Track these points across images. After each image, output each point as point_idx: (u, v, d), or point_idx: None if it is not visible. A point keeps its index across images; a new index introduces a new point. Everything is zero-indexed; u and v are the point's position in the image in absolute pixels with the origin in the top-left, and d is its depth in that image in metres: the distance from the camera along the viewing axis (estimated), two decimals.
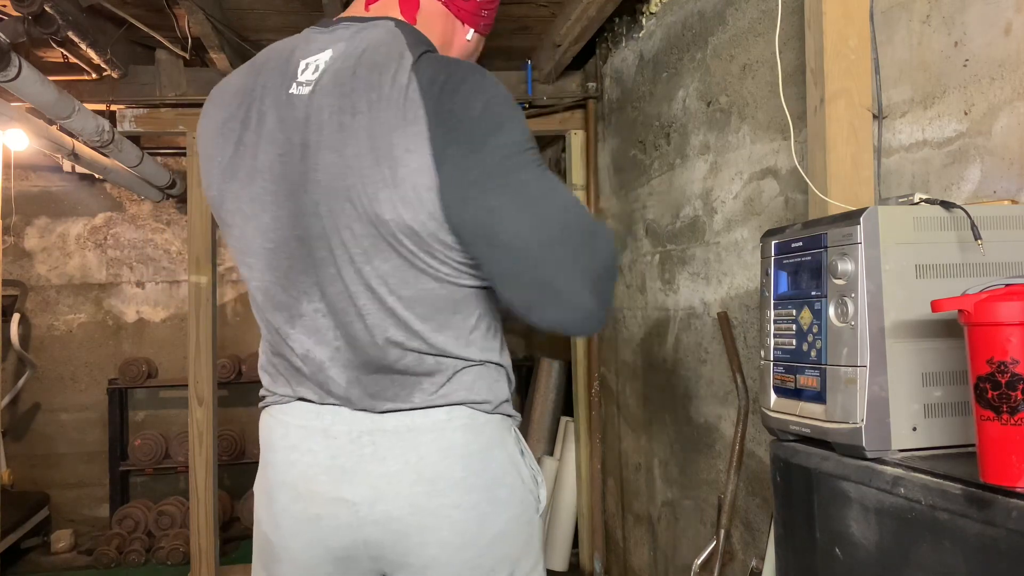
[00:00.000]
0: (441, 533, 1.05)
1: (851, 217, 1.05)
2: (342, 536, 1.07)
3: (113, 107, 3.23)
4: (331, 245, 1.01)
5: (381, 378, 1.06)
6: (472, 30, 1.20)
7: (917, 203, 1.07)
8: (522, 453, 1.15)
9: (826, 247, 1.09)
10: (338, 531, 1.07)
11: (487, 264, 0.98)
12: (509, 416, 1.13)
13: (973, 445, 0.88)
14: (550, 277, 0.95)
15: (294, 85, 1.04)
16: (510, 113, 0.98)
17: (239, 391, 4.75)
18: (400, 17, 1.11)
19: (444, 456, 1.06)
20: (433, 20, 1.15)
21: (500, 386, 1.11)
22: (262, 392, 1.17)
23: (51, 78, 2.57)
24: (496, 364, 1.11)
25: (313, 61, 1.05)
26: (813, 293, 1.12)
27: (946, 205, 1.07)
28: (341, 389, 1.06)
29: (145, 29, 2.85)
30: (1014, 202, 1.24)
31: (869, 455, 1.01)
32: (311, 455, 1.08)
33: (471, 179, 0.94)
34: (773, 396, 1.21)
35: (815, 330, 1.11)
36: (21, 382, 4.68)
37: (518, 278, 0.96)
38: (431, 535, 1.05)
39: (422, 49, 1.01)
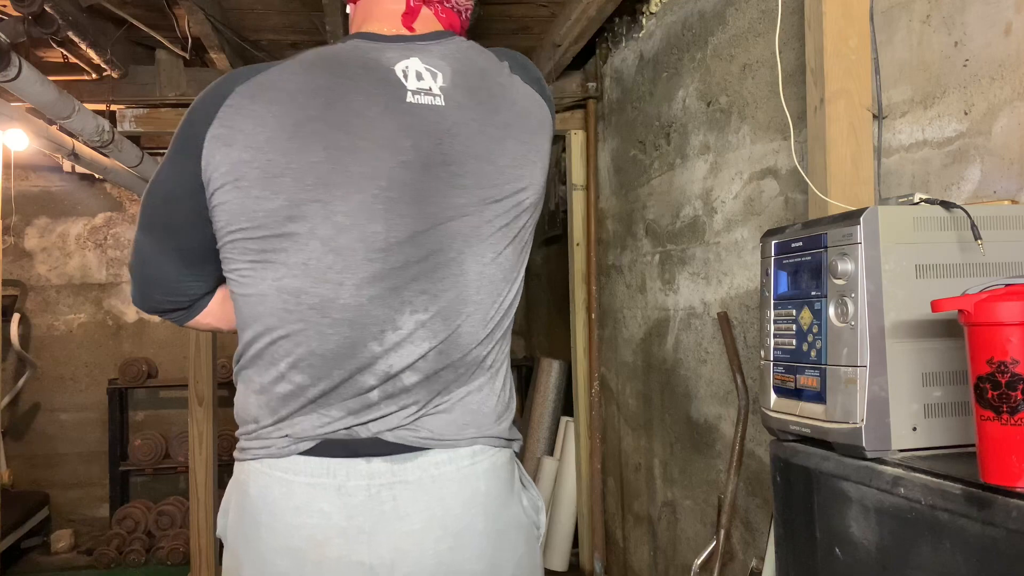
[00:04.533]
0: None
1: (851, 217, 1.05)
2: None
3: (113, 107, 3.23)
4: (464, 246, 1.04)
5: (447, 373, 1.04)
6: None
7: (917, 203, 1.07)
8: (525, 486, 1.14)
9: (826, 247, 1.09)
10: None
11: None
12: (513, 441, 1.12)
13: (973, 445, 0.88)
14: None
15: (408, 93, 1.04)
16: None
17: None
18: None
19: (468, 507, 1.03)
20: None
21: (512, 399, 1.13)
22: (247, 442, 1.04)
23: (51, 78, 2.57)
24: (508, 369, 1.14)
25: (410, 69, 1.05)
26: (813, 293, 1.12)
27: (946, 205, 1.07)
28: (407, 398, 1.02)
29: (145, 29, 2.85)
30: (1014, 202, 1.24)
31: (869, 455, 1.01)
32: (322, 516, 0.99)
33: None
34: (773, 396, 1.21)
35: (815, 330, 1.11)
36: (21, 382, 4.68)
37: None
38: None
39: (496, 54, 1.15)
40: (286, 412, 1.01)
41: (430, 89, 1.05)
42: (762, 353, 1.24)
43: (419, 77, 1.05)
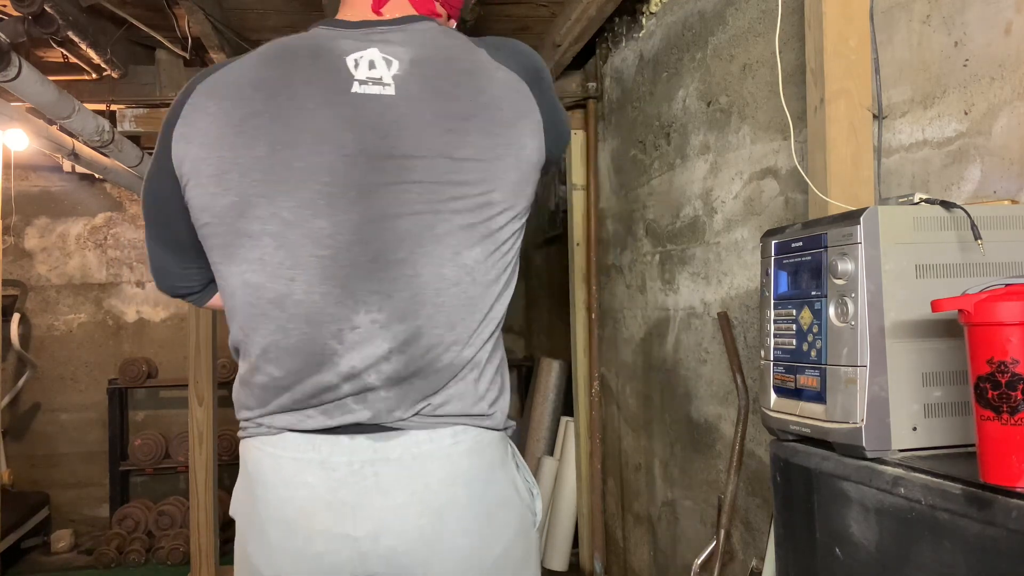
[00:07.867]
0: (446, 563, 1.03)
1: (851, 217, 1.05)
2: (343, 572, 1.03)
3: (113, 107, 3.23)
4: (417, 243, 0.99)
5: (420, 382, 1.02)
6: (455, 21, 1.25)
7: (917, 203, 1.07)
8: (518, 467, 1.13)
9: (826, 247, 1.09)
10: (339, 568, 1.02)
11: None
12: (507, 428, 1.11)
13: (973, 445, 0.88)
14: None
15: (355, 84, 1.00)
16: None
17: None
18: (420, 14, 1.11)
19: (450, 484, 1.03)
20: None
21: (506, 390, 1.10)
22: (243, 423, 1.09)
23: (51, 78, 2.57)
24: (502, 361, 1.10)
25: (362, 58, 1.02)
26: (813, 293, 1.12)
27: (946, 205, 1.07)
28: (379, 400, 1.02)
29: (145, 29, 2.85)
30: (1014, 202, 1.24)
31: (869, 455, 1.01)
32: (307, 489, 1.02)
33: (560, 149, 1.12)
34: (773, 396, 1.21)
35: (815, 330, 1.11)
36: (21, 382, 4.69)
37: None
38: (436, 566, 1.03)
39: (476, 42, 1.08)
40: (267, 404, 1.04)
41: (381, 78, 1.01)
42: (762, 353, 1.24)
43: (371, 66, 1.01)
